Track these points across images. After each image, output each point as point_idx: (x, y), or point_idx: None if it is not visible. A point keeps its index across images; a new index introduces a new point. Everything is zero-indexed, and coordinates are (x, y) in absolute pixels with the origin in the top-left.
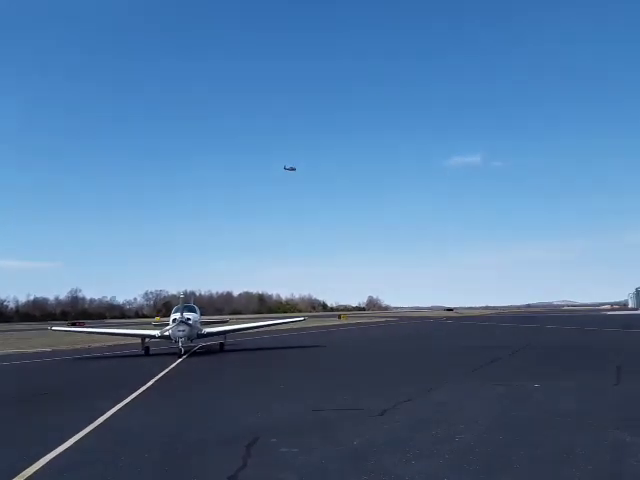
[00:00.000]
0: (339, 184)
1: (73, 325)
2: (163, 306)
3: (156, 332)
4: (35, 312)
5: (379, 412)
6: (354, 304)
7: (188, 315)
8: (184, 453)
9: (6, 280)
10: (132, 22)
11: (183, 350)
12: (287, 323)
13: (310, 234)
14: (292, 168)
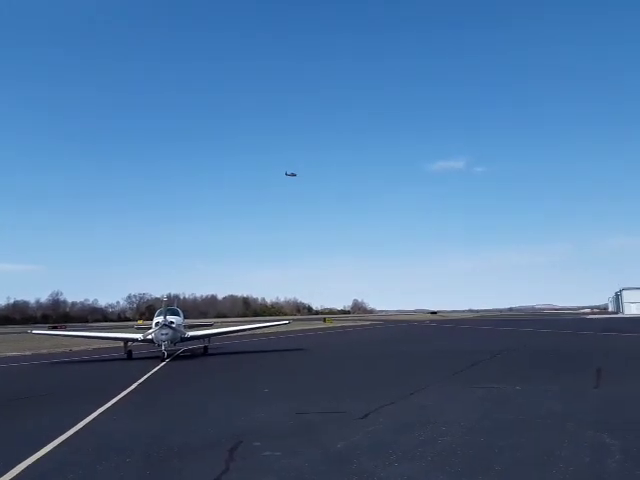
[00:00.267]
0: (324, 187)
1: (54, 328)
2: (146, 309)
3: (139, 336)
4: (15, 315)
5: (362, 415)
6: (339, 307)
7: (171, 318)
8: (166, 457)
9: None
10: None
11: (166, 354)
12: (272, 326)
13: (295, 238)
14: (293, 174)
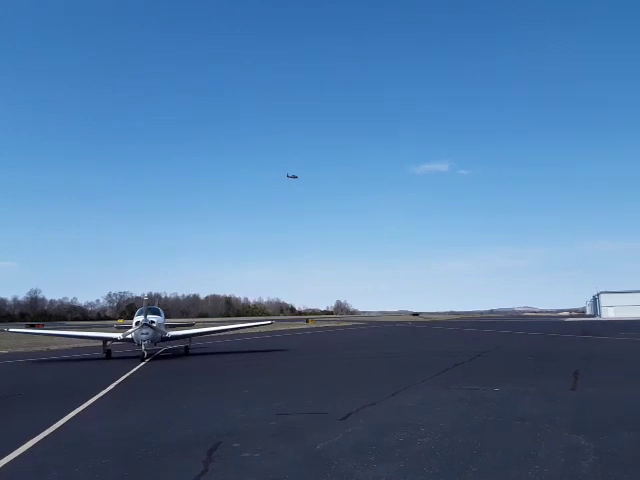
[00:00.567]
0: (310, 188)
1: (32, 327)
2: (127, 308)
3: (118, 335)
4: None
5: (343, 416)
6: (322, 308)
7: (152, 318)
8: (144, 459)
9: None
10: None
11: (146, 353)
12: (254, 327)
13: (279, 238)
14: (294, 176)
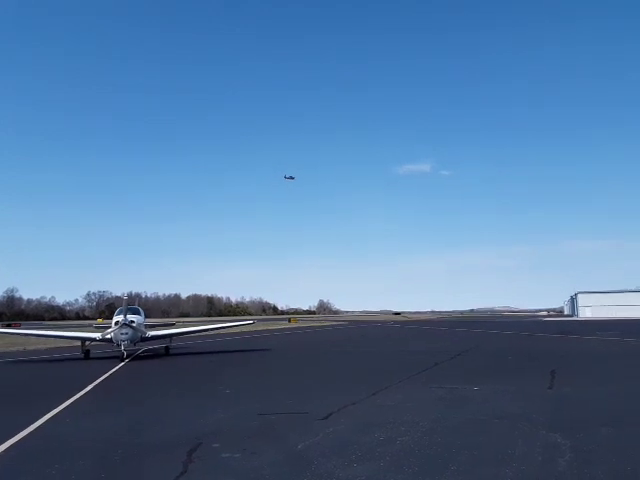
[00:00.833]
0: (291, 187)
1: (8, 326)
2: (106, 308)
3: (97, 335)
4: None
5: (324, 415)
6: (305, 307)
7: (132, 317)
8: (122, 460)
9: None
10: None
11: (126, 354)
12: (236, 326)
13: (261, 237)
14: (291, 177)
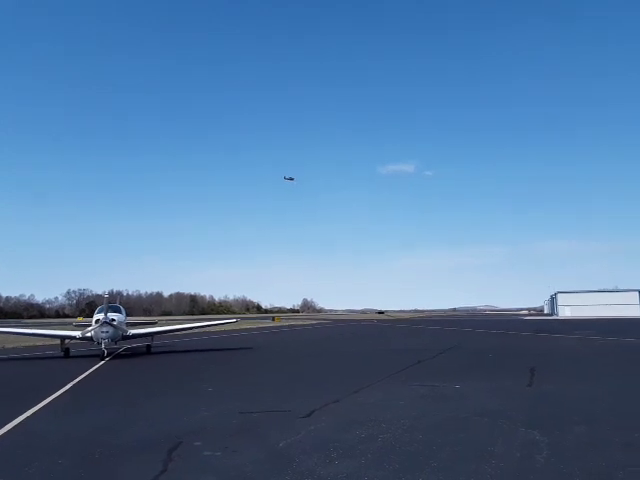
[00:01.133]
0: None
1: None
2: (87, 306)
3: (77, 333)
4: None
5: (306, 413)
6: (289, 306)
7: (113, 316)
8: (102, 458)
9: None
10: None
11: (106, 352)
12: (219, 325)
13: (245, 236)
14: (291, 178)
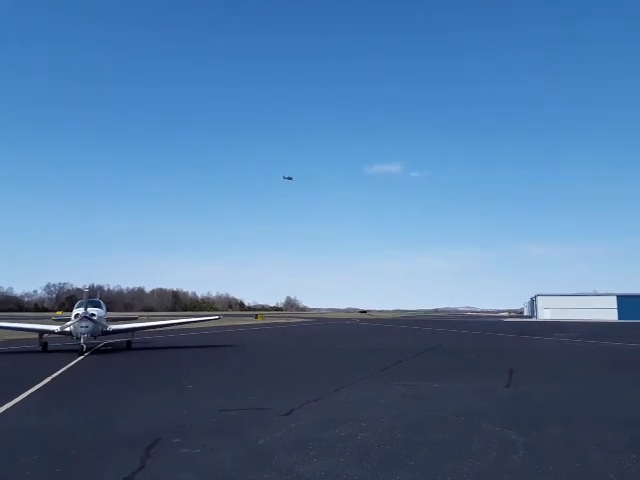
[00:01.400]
0: (259, 185)
1: None
2: (67, 300)
3: (56, 327)
4: None
5: (286, 411)
6: (272, 304)
7: (92, 310)
8: (78, 455)
9: None
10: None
11: (85, 347)
12: (201, 321)
13: (229, 233)
14: (290, 177)
